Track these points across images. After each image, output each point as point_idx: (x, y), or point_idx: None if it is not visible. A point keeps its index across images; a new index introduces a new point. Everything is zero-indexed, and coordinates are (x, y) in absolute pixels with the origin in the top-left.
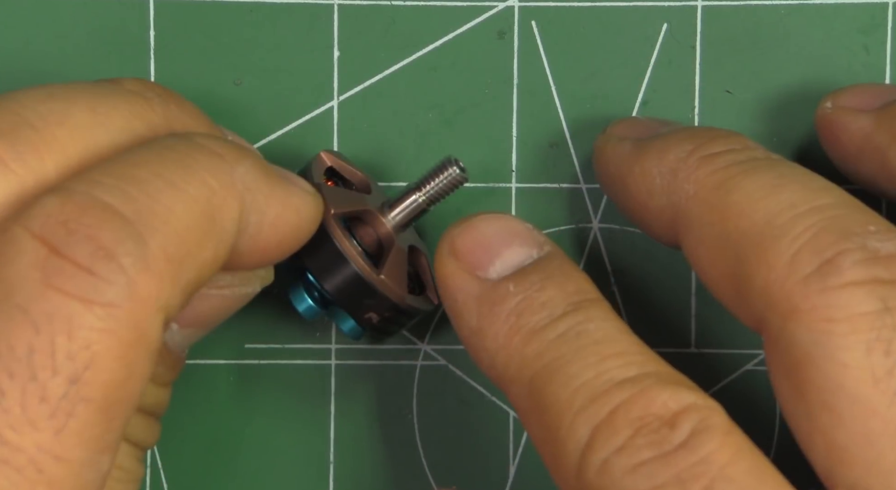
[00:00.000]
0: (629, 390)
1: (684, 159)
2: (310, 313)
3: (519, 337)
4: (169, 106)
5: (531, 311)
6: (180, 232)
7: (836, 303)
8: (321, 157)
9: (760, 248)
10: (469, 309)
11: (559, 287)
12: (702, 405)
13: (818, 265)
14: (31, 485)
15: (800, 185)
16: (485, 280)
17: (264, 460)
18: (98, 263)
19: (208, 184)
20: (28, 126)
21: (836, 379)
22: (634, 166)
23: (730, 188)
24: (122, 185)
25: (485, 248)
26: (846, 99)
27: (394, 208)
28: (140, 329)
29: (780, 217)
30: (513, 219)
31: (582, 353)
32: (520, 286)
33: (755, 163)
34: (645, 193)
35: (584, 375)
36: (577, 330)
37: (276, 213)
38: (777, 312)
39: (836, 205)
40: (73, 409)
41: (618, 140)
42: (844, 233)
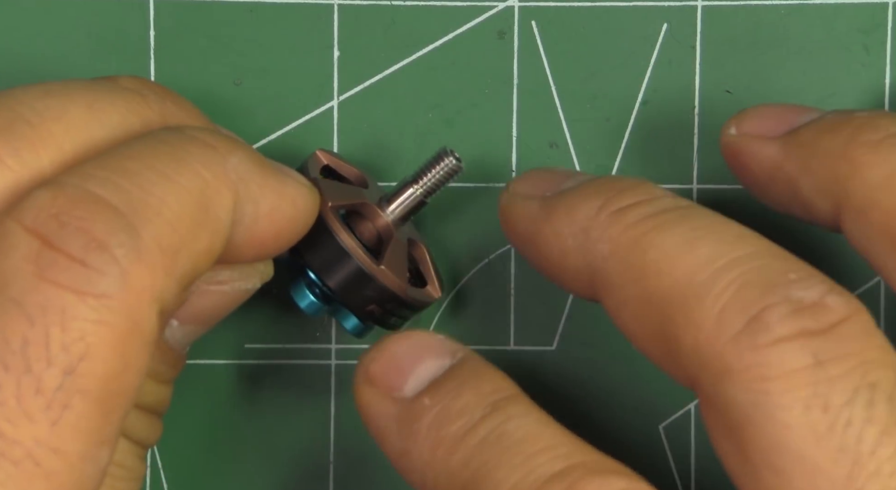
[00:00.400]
0: (559, 485)
1: (594, 217)
2: (312, 310)
3: (442, 449)
4: (165, 103)
5: (450, 420)
6: (173, 223)
7: (770, 361)
8: (317, 155)
9: (685, 307)
10: (391, 432)
11: (474, 390)
12: (634, 484)
13: (746, 322)
14: (29, 478)
15: (715, 236)
16: (401, 399)
17: (264, 460)
18: (91, 255)
19: (201, 175)
20: (24, 122)
21: (780, 439)
22: (544, 227)
23: (645, 247)
24: (113, 177)
25: (397, 367)
26: (750, 125)
27: (392, 202)
28: (135, 320)
29: (699, 274)
30: (422, 333)
31: (506, 454)
32: (435, 397)
33: (666, 216)
34: (558, 254)
35: (512, 478)
36: (497, 432)
37: (272, 204)
38: (710, 373)
39: (755, 255)
40: (69, 401)
41: (523, 199)
42: (767, 285)
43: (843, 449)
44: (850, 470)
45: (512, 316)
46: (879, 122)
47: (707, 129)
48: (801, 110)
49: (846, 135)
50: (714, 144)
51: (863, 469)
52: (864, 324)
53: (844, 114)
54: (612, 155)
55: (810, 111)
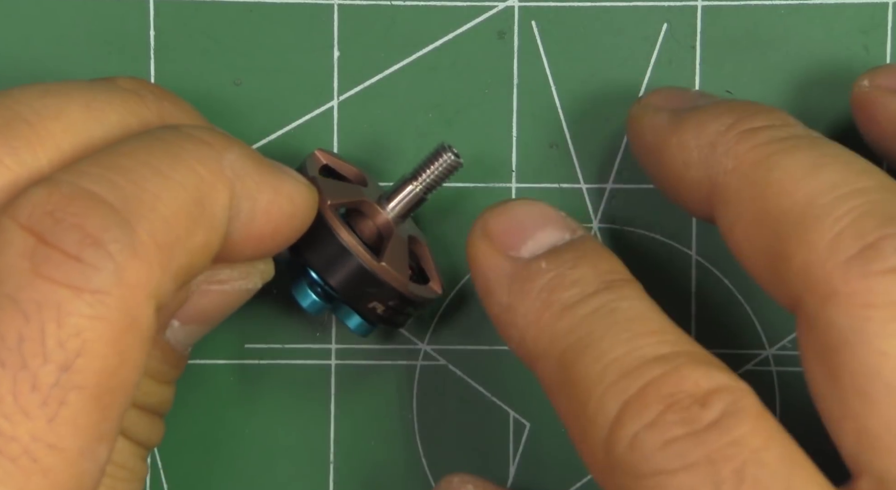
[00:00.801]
0: (661, 367)
1: (724, 133)
2: (314, 309)
3: (550, 313)
4: (163, 103)
5: (563, 287)
6: (168, 218)
7: (878, 288)
8: (315, 155)
9: (801, 227)
10: (501, 286)
11: (592, 266)
12: (734, 387)
13: (860, 249)
14: (26, 474)
15: (841, 165)
16: (517, 259)
17: (264, 460)
18: (86, 251)
19: (196, 171)
20: (22, 121)
21: (874, 366)
22: (671, 138)
23: (770, 166)
24: (108, 174)
25: (518, 229)
26: (884, 78)
27: (391, 199)
28: (131, 315)
29: (821, 197)
30: (547, 205)
31: (614, 329)
32: (552, 264)
33: (796, 140)
34: (681, 165)
35: (615, 351)
36: (609, 307)
37: (269, 200)
38: (815, 294)
39: (878, 188)
40: (66, 397)
41: (654, 110)
42: (887, 218)
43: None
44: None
45: None
46: None
47: None
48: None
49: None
50: None
51: None
52: None
53: None
54: (612, 155)
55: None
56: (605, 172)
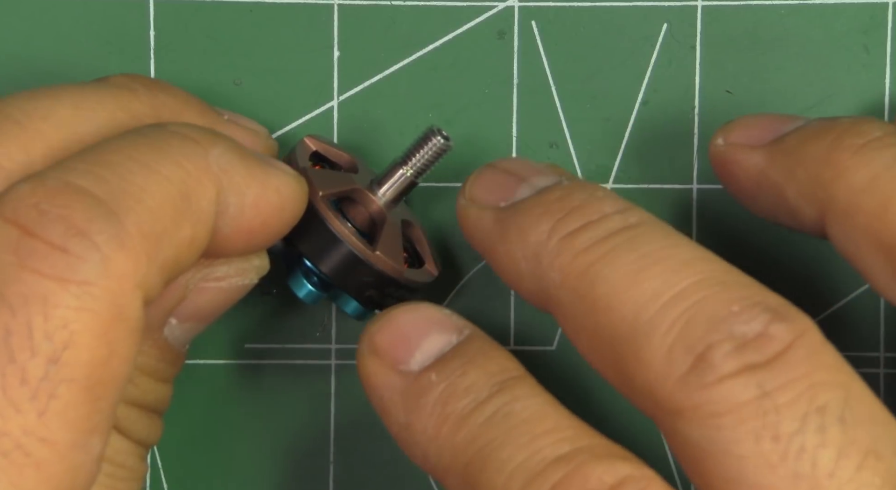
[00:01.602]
0: (563, 468)
1: (544, 243)
2: (311, 298)
3: (447, 426)
4: (156, 95)
5: (456, 397)
6: (154, 210)
7: (717, 398)
8: (305, 142)
9: (634, 346)
10: (395, 405)
11: (481, 369)
12: (638, 475)
13: (692, 362)
14: (19, 469)
15: (660, 266)
16: (407, 373)
17: (264, 460)
18: (71, 241)
19: (182, 165)
20: (12, 122)
21: (736, 470)
22: (498, 247)
23: (593, 279)
24: (94, 168)
25: (403, 340)
26: (737, 135)
27: (382, 185)
28: (118, 306)
29: (646, 310)
30: (429, 306)
31: (512, 434)
32: (442, 374)
33: (614, 241)
34: (514, 275)
35: (516, 458)
36: (504, 411)
37: (256, 194)
38: (664, 412)
39: (700, 284)
40: (55, 390)
41: (478, 209)
42: (710, 321)
43: (799, 475)
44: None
45: (512, 316)
46: (862, 127)
47: (707, 129)
48: (787, 119)
49: (829, 140)
50: None
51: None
52: (810, 346)
53: (828, 120)
54: (612, 155)
55: (796, 119)
56: (605, 172)
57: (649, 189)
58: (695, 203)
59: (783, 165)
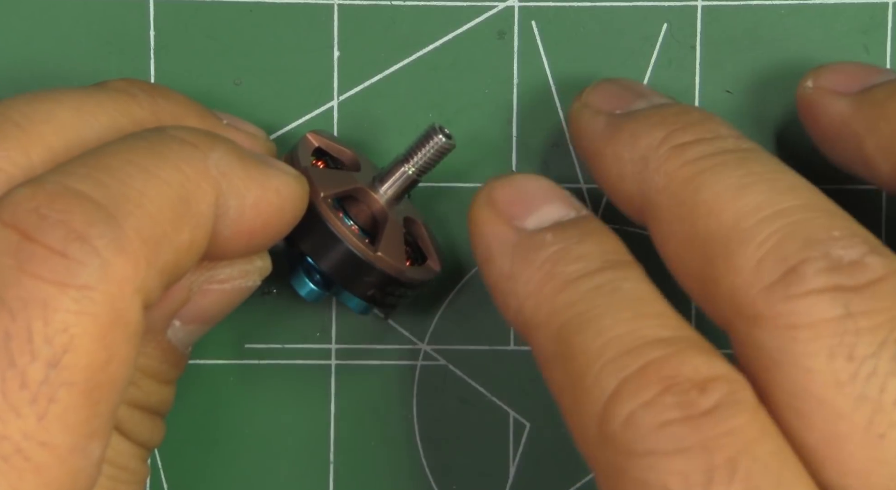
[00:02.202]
0: (662, 349)
1: (655, 148)
2: (313, 297)
3: (552, 285)
4: (156, 100)
5: (567, 260)
6: (154, 215)
7: (799, 310)
8: (307, 138)
9: (727, 252)
10: (503, 254)
11: (597, 244)
12: (733, 378)
13: (782, 273)
14: (19, 473)
15: (767, 185)
16: (521, 229)
17: (264, 460)
18: (71, 246)
19: (181, 169)
20: (13, 124)
21: (802, 384)
22: (607, 148)
23: (698, 186)
24: (93, 173)
25: (524, 200)
26: (827, 79)
27: (384, 183)
28: (118, 310)
29: (745, 221)
30: (553, 182)
31: (616, 307)
32: (558, 237)
33: (725, 156)
34: (616, 177)
35: (617, 329)
36: (612, 285)
37: (256, 196)
38: (743, 318)
39: (801, 208)
40: (55, 394)
41: (592, 113)
42: (808, 240)
43: (865, 397)
44: (871, 417)
45: None
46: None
47: None
48: (878, 71)
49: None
50: None
51: (885, 417)
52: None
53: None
54: None
55: (887, 72)
56: None
57: None
58: None
59: (867, 116)
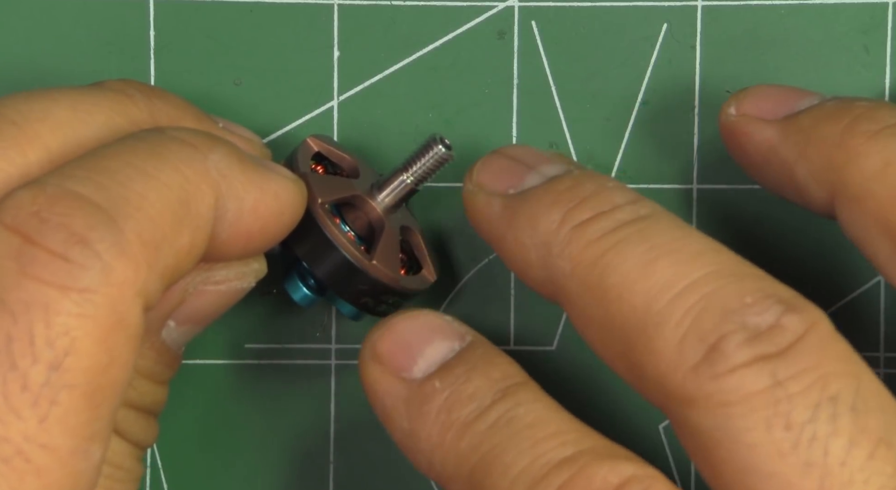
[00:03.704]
0: (568, 471)
1: (555, 231)
2: (306, 302)
3: (451, 433)
4: (152, 101)
5: (460, 404)
6: (154, 217)
7: (729, 387)
8: (307, 143)
9: (645, 337)
10: (399, 412)
11: (484, 376)
12: (643, 475)
13: (704, 352)
14: (20, 475)
15: (671, 257)
16: (410, 381)
17: (264, 460)
18: (72, 250)
19: (181, 171)
20: (9, 122)
21: (747, 459)
22: (507, 233)
23: (604, 269)
24: (93, 175)
25: (406, 348)
26: (750, 105)
27: (382, 191)
28: (119, 313)
29: (657, 301)
30: (430, 314)
31: (515, 439)
32: (445, 381)
33: (625, 232)
34: (523, 263)
35: (520, 463)
36: (507, 417)
37: (255, 199)
38: (675, 401)
39: (710, 276)
40: (56, 397)
41: (486, 196)
42: (723, 313)
43: (811, 463)
44: (821, 482)
45: (512, 316)
46: (878, 113)
47: (707, 129)
48: (801, 94)
49: (844, 123)
50: (714, 144)
51: (835, 480)
52: (822, 336)
53: (844, 101)
54: (612, 155)
55: (811, 95)
56: (605, 172)
57: (649, 189)
58: (695, 203)
59: (795, 144)
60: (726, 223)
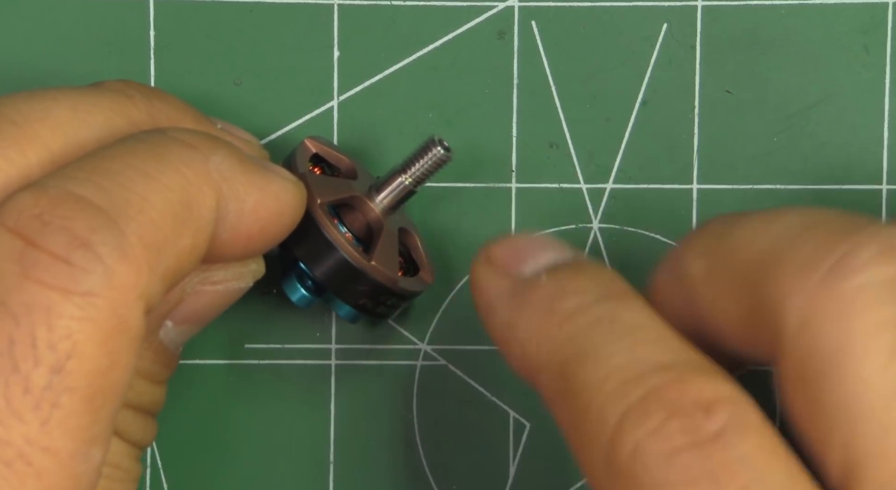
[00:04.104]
0: (664, 375)
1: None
2: (303, 302)
3: (551, 323)
4: (152, 102)
5: (563, 296)
6: (156, 220)
7: (855, 304)
8: (305, 144)
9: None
10: (501, 304)
11: (592, 278)
12: (738, 398)
13: (831, 265)
14: (21, 478)
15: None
16: (517, 276)
17: (264, 460)
18: (75, 253)
19: (182, 173)
20: (9, 122)
21: (857, 394)
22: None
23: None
24: (95, 177)
25: (519, 252)
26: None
27: (380, 192)
28: (120, 317)
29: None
30: (549, 236)
31: (615, 337)
32: (552, 278)
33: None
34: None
35: (617, 359)
36: (610, 316)
37: (256, 200)
38: (792, 322)
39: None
40: (58, 400)
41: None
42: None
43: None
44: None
45: None
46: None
47: (707, 129)
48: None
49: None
50: (714, 144)
51: None
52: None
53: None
54: (612, 155)
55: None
56: (605, 172)
57: (649, 189)
58: (695, 203)
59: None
60: None
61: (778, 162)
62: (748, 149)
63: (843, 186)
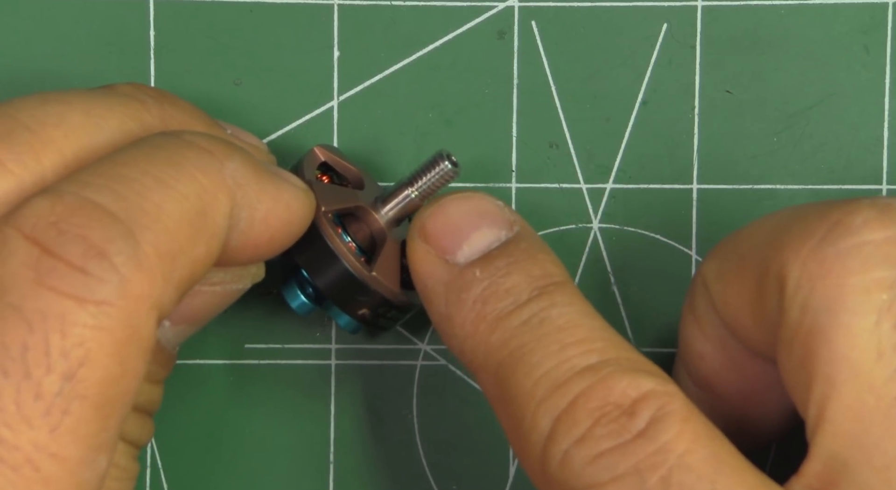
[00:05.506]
0: (589, 379)
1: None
2: (303, 310)
3: (485, 325)
4: (164, 106)
5: (496, 297)
6: (171, 229)
7: (851, 264)
8: (314, 152)
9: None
10: (438, 295)
11: (524, 272)
12: (661, 391)
13: (828, 228)
14: (28, 483)
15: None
16: (453, 265)
17: (264, 460)
18: (90, 262)
19: (198, 180)
20: (24, 128)
21: (843, 350)
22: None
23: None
24: (111, 184)
25: (453, 231)
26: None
27: (386, 204)
28: (133, 326)
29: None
30: (483, 198)
31: (544, 341)
32: (485, 272)
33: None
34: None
35: (545, 365)
36: (539, 317)
37: (267, 209)
38: (790, 284)
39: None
40: (68, 407)
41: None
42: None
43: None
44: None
45: None
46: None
47: (707, 129)
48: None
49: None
50: (714, 144)
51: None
52: None
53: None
54: (612, 155)
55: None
56: (605, 172)
57: (649, 189)
58: (695, 203)
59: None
60: (726, 223)
61: (778, 162)
62: (748, 149)
63: (843, 186)
